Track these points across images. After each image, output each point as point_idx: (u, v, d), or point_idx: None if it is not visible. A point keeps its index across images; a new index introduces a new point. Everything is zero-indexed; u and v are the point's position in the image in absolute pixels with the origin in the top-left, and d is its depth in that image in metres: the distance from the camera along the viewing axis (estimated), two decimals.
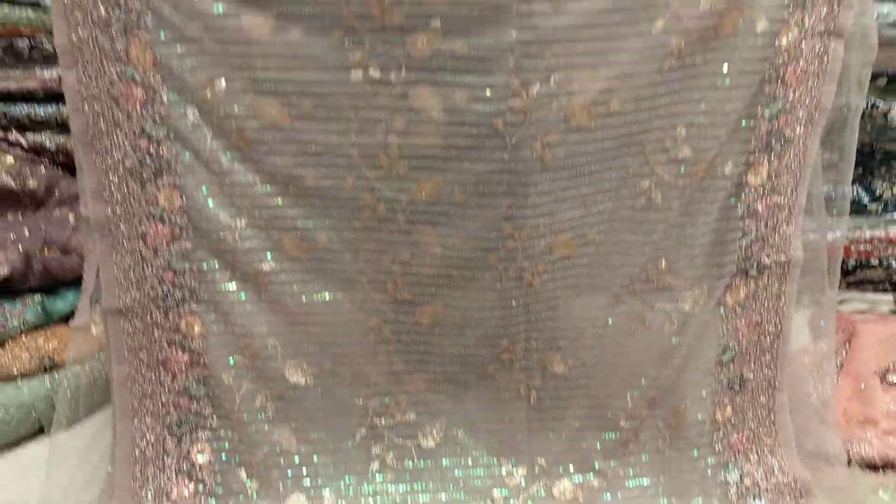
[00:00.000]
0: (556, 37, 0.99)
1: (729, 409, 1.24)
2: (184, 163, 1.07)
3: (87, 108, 1.04)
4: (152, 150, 1.06)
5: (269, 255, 1.12)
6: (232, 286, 1.14)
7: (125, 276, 1.12)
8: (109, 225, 1.10)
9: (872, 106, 1.56)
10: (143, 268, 1.12)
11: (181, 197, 1.10)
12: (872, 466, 1.37)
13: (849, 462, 1.35)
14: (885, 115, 1.57)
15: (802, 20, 1.07)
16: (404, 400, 1.20)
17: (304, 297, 1.15)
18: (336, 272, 1.14)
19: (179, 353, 1.16)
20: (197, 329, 1.15)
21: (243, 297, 1.15)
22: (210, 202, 1.09)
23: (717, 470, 1.24)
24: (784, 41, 1.07)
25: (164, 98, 1.04)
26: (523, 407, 1.21)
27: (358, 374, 1.19)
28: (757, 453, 1.25)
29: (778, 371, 1.25)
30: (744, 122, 1.12)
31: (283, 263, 1.13)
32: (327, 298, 1.15)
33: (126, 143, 1.05)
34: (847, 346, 1.59)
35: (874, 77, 1.51)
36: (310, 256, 1.13)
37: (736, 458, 1.24)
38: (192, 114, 1.05)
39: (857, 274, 1.77)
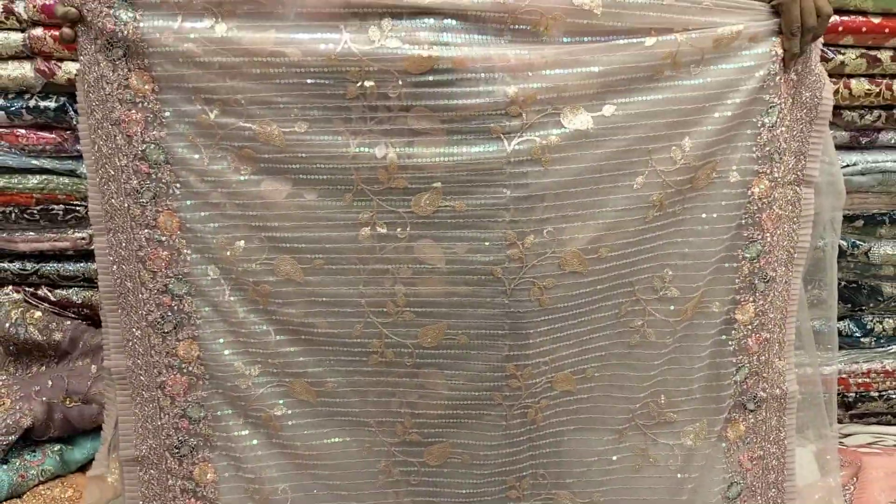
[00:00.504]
0: (546, 193, 1.09)
1: None
2: (203, 316, 1.15)
3: (115, 268, 1.13)
4: (174, 306, 1.14)
5: (280, 401, 1.17)
6: (245, 432, 1.19)
7: (143, 425, 1.17)
8: (130, 376, 1.16)
9: (853, 245, 1.65)
10: (159, 416, 1.17)
11: (199, 348, 1.16)
12: None
13: None
14: (866, 253, 1.65)
15: (772, 171, 1.17)
16: None
17: (314, 440, 1.19)
18: (345, 415, 1.19)
19: (192, 500, 1.19)
20: (210, 476, 1.19)
21: (255, 443, 1.19)
22: (226, 352, 1.16)
23: None
24: (756, 190, 1.16)
25: (188, 258, 1.13)
26: None
27: None
28: None
29: None
30: (726, 263, 1.20)
31: (294, 408, 1.18)
32: (337, 441, 1.19)
33: (151, 300, 1.13)
34: (855, 480, 1.59)
35: (852, 219, 1.62)
36: (320, 401, 1.18)
37: None
38: (212, 271, 1.14)
39: (858, 407, 1.80)
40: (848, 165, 1.56)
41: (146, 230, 1.11)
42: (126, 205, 1.10)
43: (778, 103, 1.12)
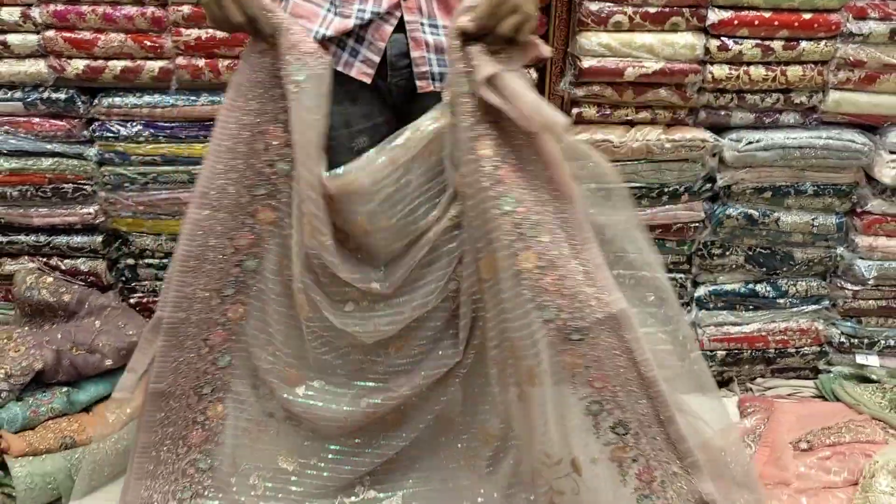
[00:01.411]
0: None
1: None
2: (257, 290, 1.35)
3: (202, 237, 1.29)
4: (239, 277, 1.33)
5: (280, 380, 1.40)
6: (256, 389, 1.42)
7: (178, 366, 1.35)
8: (181, 327, 1.34)
9: (764, 214, 1.86)
10: (196, 362, 1.36)
11: (244, 312, 1.36)
12: None
13: None
14: (776, 222, 1.86)
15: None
16: None
17: (318, 411, 1.40)
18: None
19: (199, 431, 1.40)
20: (219, 411, 1.40)
21: (261, 393, 1.42)
22: (259, 324, 1.37)
23: None
24: (485, 152, 1.21)
25: (266, 246, 1.33)
26: None
27: None
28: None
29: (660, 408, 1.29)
30: (489, 224, 1.22)
31: (297, 386, 1.41)
32: (345, 409, 1.40)
33: (225, 269, 1.32)
34: (766, 422, 1.79)
35: (761, 191, 1.84)
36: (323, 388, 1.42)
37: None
38: (277, 262, 1.34)
39: (778, 362, 2.00)
40: (752, 143, 1.77)
41: (245, 216, 1.30)
42: (239, 193, 1.28)
43: None
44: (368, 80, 1.26)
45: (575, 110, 1.76)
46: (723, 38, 1.69)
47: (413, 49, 1.25)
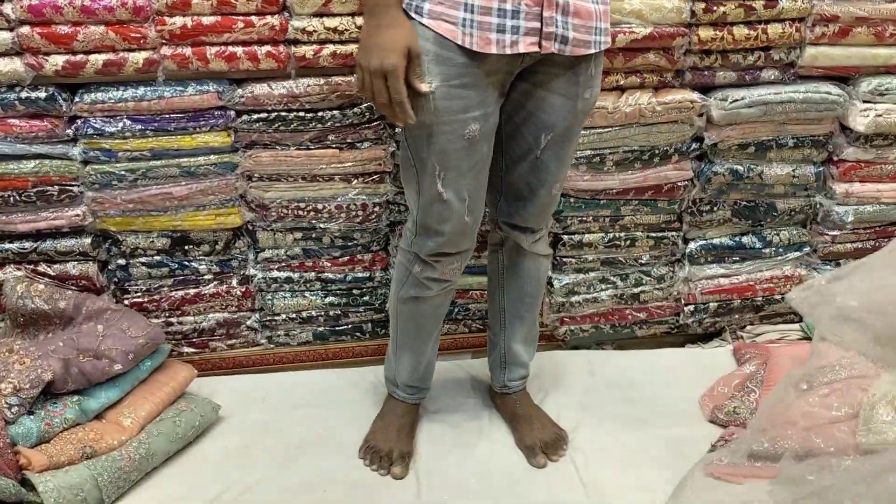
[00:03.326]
0: None
1: None
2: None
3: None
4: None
5: None
6: None
7: None
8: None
9: (748, 169, 1.93)
10: None
11: None
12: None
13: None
14: (760, 175, 1.94)
15: None
16: None
17: None
18: None
19: None
20: None
21: None
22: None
23: None
24: None
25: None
26: None
27: None
28: None
29: None
30: None
31: None
32: None
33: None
34: (765, 366, 1.89)
35: (745, 146, 1.91)
36: None
37: None
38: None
39: (766, 309, 2.10)
40: (737, 100, 1.83)
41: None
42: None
43: None
44: (538, 49, 1.28)
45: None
46: (708, 0, 1.74)
47: (546, 8, 1.26)
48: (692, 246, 2.03)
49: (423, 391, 1.74)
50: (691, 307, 2.08)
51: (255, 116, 1.74)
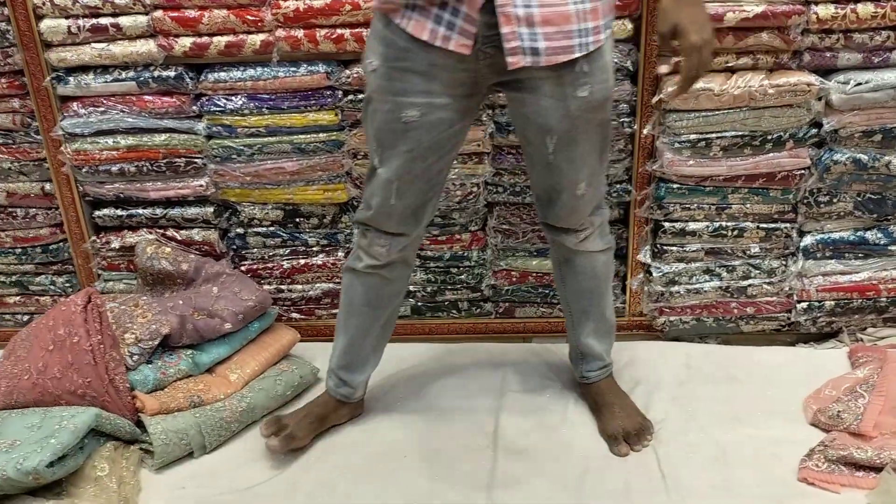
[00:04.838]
0: None
1: None
2: None
3: None
4: None
5: None
6: None
7: None
8: None
9: (874, 158, 1.79)
10: None
11: None
12: None
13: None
14: (887, 165, 1.80)
15: None
16: None
17: None
18: None
19: None
20: None
21: None
22: None
23: None
24: None
25: None
26: None
27: None
28: None
29: None
30: None
31: None
32: None
33: None
34: (879, 372, 1.75)
35: (870, 134, 1.78)
36: None
37: None
38: None
39: (890, 311, 1.94)
40: (861, 84, 1.70)
41: None
42: None
43: None
44: (468, 52, 1.27)
45: (673, 59, 1.72)
46: None
47: (503, 25, 1.24)
48: (808, 239, 1.91)
49: (347, 387, 1.69)
50: (804, 304, 1.96)
51: (360, 97, 1.82)
